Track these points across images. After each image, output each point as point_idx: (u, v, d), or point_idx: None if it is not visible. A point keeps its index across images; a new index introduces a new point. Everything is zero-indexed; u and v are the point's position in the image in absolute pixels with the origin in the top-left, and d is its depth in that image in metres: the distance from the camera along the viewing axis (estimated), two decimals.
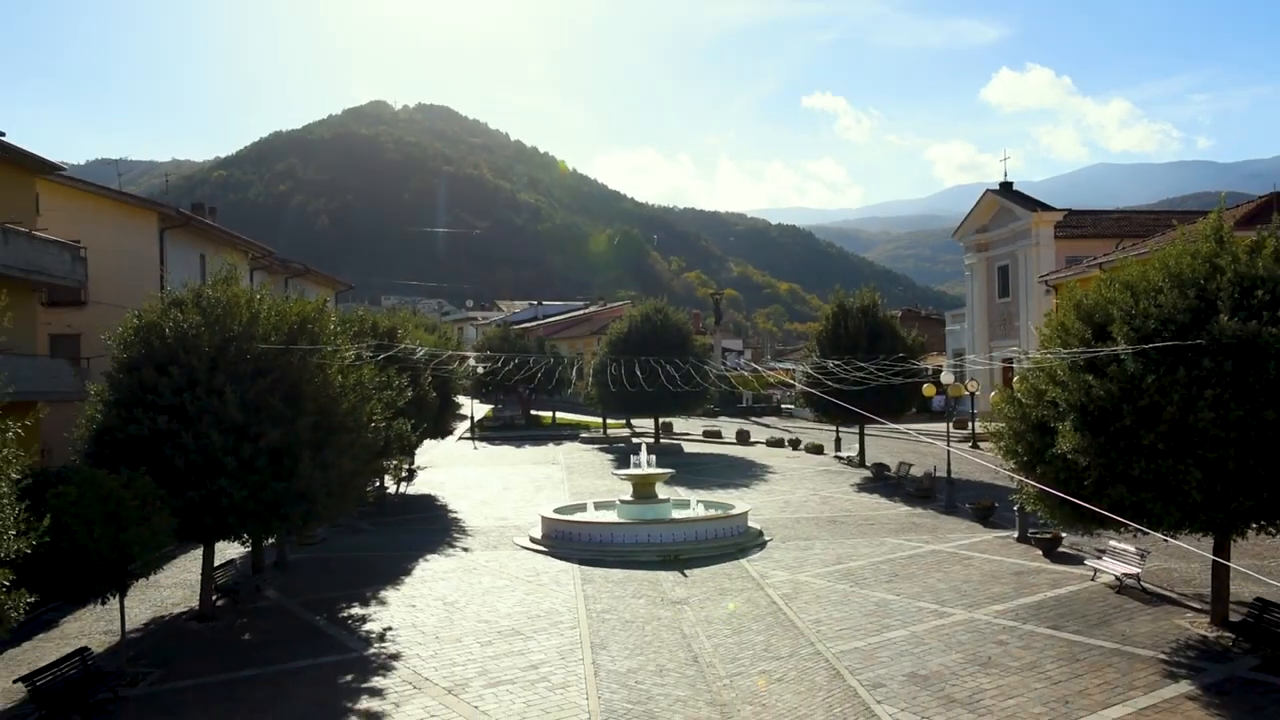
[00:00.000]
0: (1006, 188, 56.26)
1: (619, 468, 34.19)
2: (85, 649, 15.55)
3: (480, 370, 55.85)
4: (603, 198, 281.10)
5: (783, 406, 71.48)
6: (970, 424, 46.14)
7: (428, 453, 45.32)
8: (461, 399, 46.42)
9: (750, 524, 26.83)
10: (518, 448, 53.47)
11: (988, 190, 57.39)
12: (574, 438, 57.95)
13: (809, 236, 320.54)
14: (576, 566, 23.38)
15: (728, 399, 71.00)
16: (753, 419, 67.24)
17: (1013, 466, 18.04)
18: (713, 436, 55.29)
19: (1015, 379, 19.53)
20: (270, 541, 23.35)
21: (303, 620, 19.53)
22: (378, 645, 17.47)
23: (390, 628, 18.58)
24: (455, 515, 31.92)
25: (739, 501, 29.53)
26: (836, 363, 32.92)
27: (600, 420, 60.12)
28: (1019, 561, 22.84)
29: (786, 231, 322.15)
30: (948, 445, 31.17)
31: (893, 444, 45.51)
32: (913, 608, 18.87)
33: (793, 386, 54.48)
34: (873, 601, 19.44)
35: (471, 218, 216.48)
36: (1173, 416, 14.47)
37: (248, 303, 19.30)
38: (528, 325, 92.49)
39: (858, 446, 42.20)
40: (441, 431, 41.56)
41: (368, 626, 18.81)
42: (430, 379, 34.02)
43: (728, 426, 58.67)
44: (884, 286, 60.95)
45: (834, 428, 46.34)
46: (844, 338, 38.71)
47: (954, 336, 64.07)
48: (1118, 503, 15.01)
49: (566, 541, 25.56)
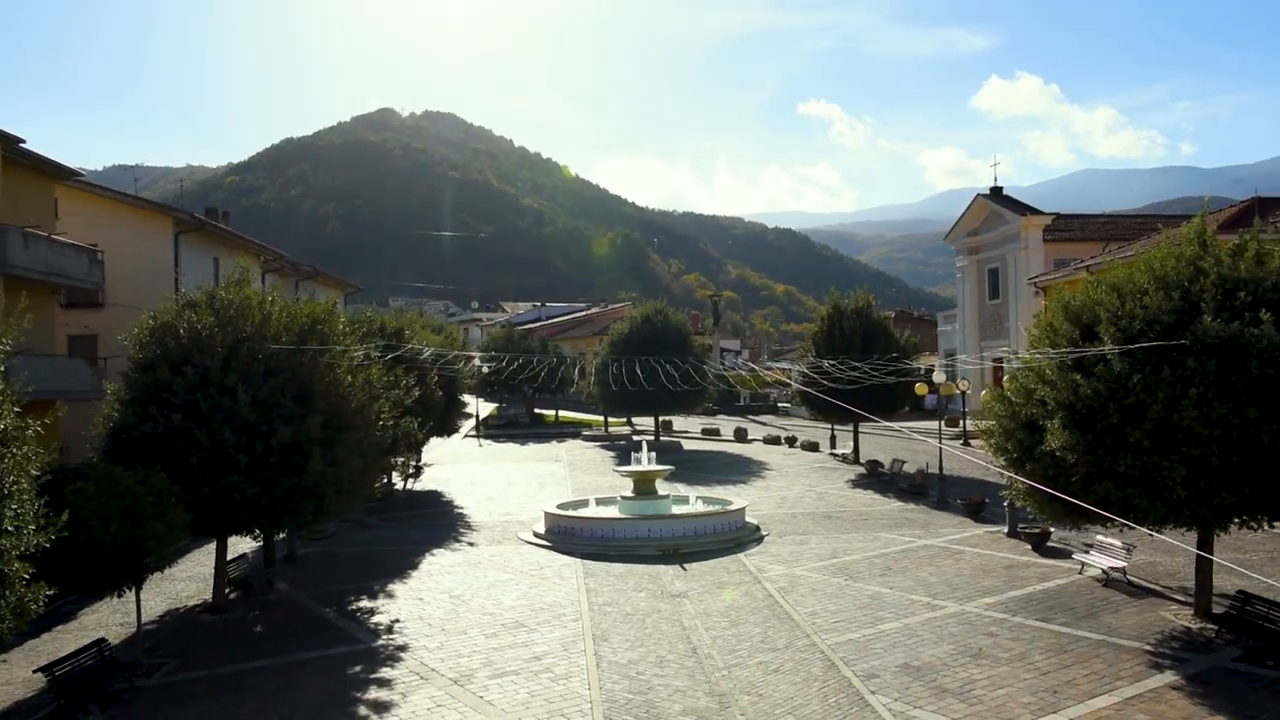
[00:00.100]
0: (996, 192, 56.24)
1: (620, 465, 34.18)
2: (102, 640, 15.57)
3: (485, 370, 55.90)
4: (604, 202, 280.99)
5: (779, 405, 71.47)
6: (961, 422, 46.12)
7: (434, 450, 45.38)
8: (467, 398, 46.45)
9: (748, 519, 26.81)
10: (522, 445, 53.48)
11: (978, 195, 57.35)
12: (576, 435, 57.96)
13: (805, 240, 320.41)
14: (579, 561, 23.39)
15: (726, 398, 71.00)
16: (750, 417, 67.25)
17: (1003, 463, 18.04)
18: (711, 434, 55.28)
19: (1005, 378, 19.54)
20: (281, 536, 23.40)
21: (313, 613, 19.55)
22: (386, 637, 17.49)
23: (398, 620, 18.60)
24: (461, 511, 31.92)
25: (737, 497, 29.52)
26: (832, 362, 32.92)
27: (602, 418, 60.10)
28: (1009, 556, 22.84)
29: (783, 235, 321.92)
30: (940, 443, 31.16)
31: (886, 441, 45.51)
32: (905, 601, 18.87)
33: (789, 385, 54.49)
34: (867, 594, 19.44)
35: (477, 222, 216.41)
36: (1158, 414, 14.47)
37: (259, 304, 19.31)
38: (531, 326, 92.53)
39: (852, 444, 42.16)
40: (447, 429, 41.55)
41: (376, 619, 18.82)
42: (437, 378, 34.04)
43: (726, 424, 58.67)
44: (878, 288, 60.95)
45: (829, 425, 46.31)
46: (839, 338, 38.68)
47: (946, 337, 64.05)
48: (1104, 498, 15.03)
49: (569, 536, 25.56)
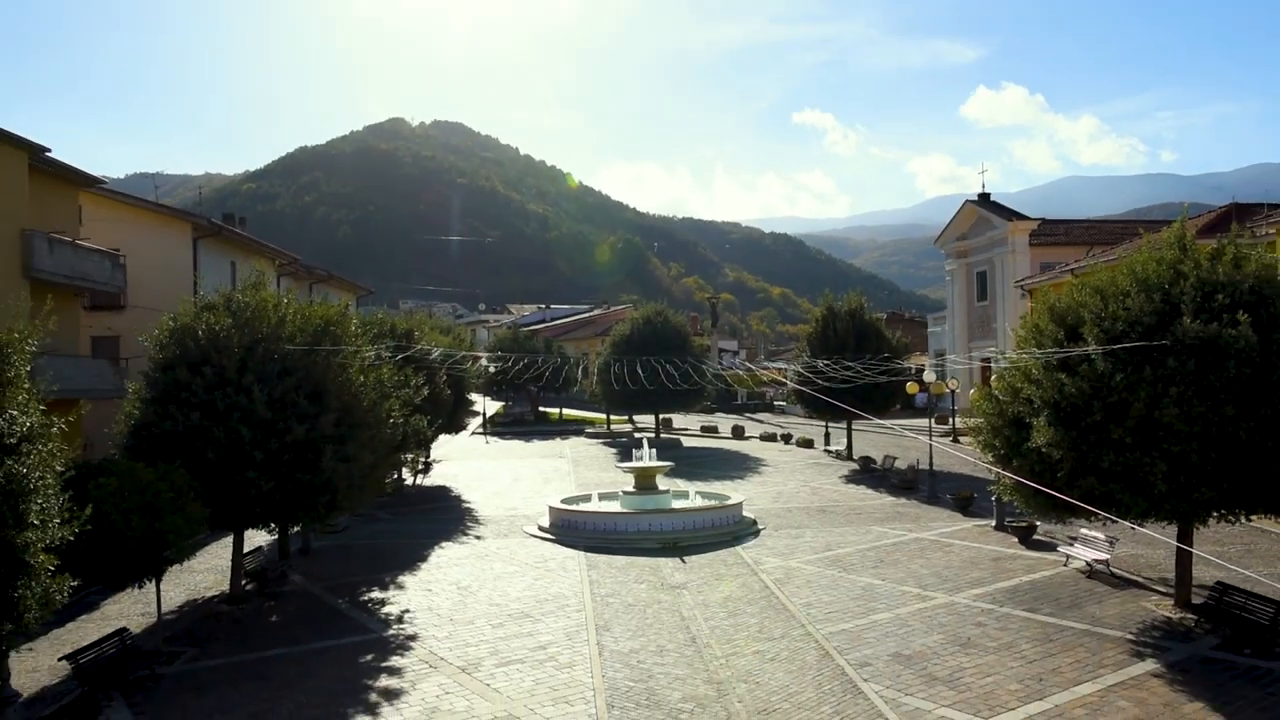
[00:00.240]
0: (984, 198, 56.23)
1: (622, 461, 34.13)
2: (124, 629, 15.61)
3: (492, 369, 55.86)
4: (606, 208, 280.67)
5: (775, 403, 71.41)
6: (951, 419, 46.10)
7: (442, 447, 45.33)
8: (474, 396, 46.41)
9: (745, 514, 26.81)
10: (527, 442, 53.45)
11: (967, 201, 57.36)
12: (579, 433, 57.93)
13: (799, 244, 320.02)
14: (582, 553, 23.39)
15: (724, 396, 70.91)
16: (747, 415, 67.22)
17: (991, 459, 18.02)
18: (710, 431, 55.23)
19: (993, 377, 19.53)
20: (296, 530, 23.40)
21: (326, 603, 19.56)
22: (396, 627, 17.50)
23: (408, 610, 18.61)
24: (468, 505, 31.92)
25: (734, 492, 29.53)
26: (826, 362, 32.90)
27: (604, 416, 60.08)
28: (996, 548, 22.83)
29: (779, 239, 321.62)
30: (930, 439, 31.14)
31: (878, 438, 45.46)
32: (897, 592, 18.87)
33: (785, 385, 54.47)
34: (860, 586, 19.44)
35: (484, 227, 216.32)
36: (1139, 412, 14.48)
37: (275, 307, 19.30)
38: (536, 327, 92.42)
39: (846, 441, 42.15)
40: (455, 427, 41.48)
41: (387, 609, 18.83)
42: (445, 378, 34.00)
43: (724, 422, 58.63)
44: (870, 291, 60.74)
45: (823, 423, 46.24)
46: (833, 339, 38.65)
47: (935, 337, 64.01)
48: (1088, 493, 15.04)
49: (573, 530, 25.56)
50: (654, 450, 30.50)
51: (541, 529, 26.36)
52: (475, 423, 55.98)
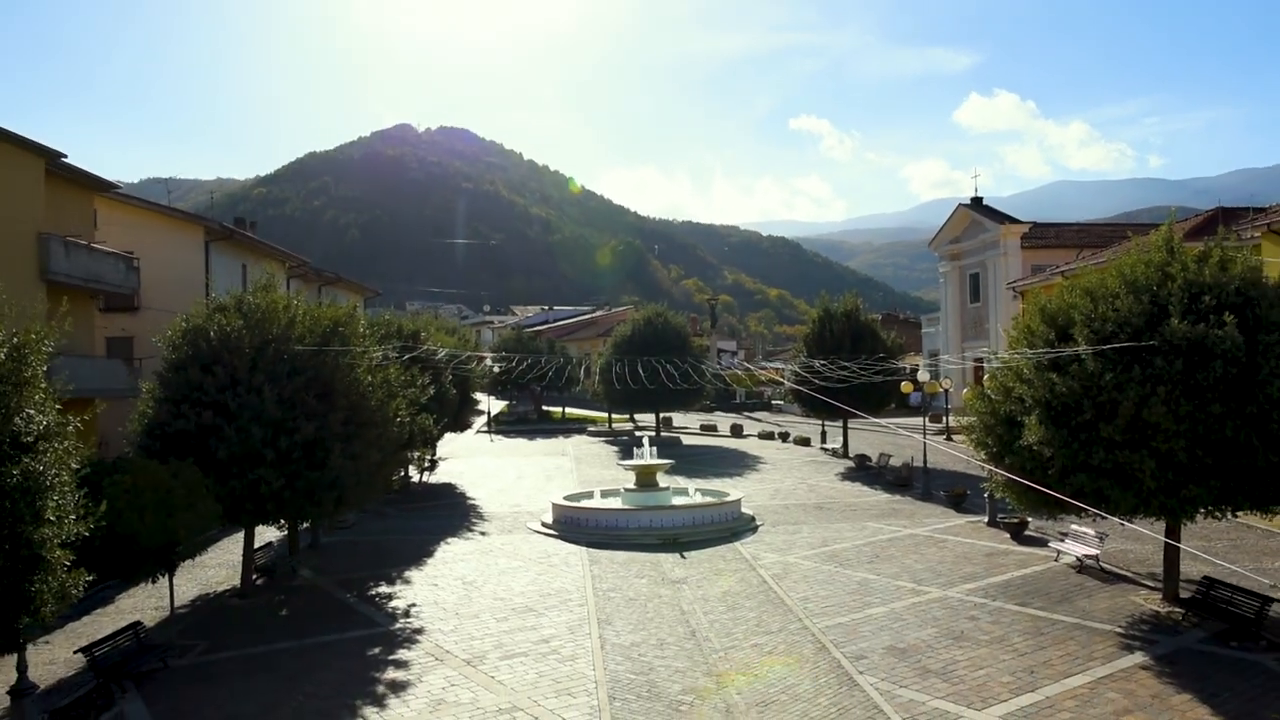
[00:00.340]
0: (977, 202, 56.18)
1: (623, 459, 34.16)
2: (138, 623, 15.63)
3: (496, 369, 55.78)
4: (608, 212, 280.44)
5: (773, 402, 71.40)
6: (944, 418, 46.06)
7: (448, 445, 45.36)
8: (479, 396, 46.38)
9: (743, 510, 26.81)
10: (530, 440, 53.47)
11: (960, 205, 57.31)
12: (582, 431, 57.94)
13: (796, 247, 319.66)
14: (584, 549, 23.39)
15: (723, 395, 70.90)
16: (745, 414, 67.23)
17: (983, 457, 18.03)
18: (709, 430, 55.23)
19: (986, 377, 19.54)
20: (305, 526, 23.44)
21: (334, 598, 19.56)
22: (403, 621, 17.51)
23: (414, 604, 18.61)
24: (473, 502, 31.92)
25: (733, 489, 29.53)
26: (822, 362, 32.89)
27: (606, 415, 60.13)
28: (989, 544, 22.82)
29: (776, 242, 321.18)
30: (924, 438, 31.15)
31: (874, 437, 45.44)
32: (892, 586, 18.87)
33: (782, 384, 54.45)
34: (855, 581, 19.43)
35: (488, 230, 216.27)
36: (1129, 411, 14.48)
37: (285, 308, 19.33)
38: (539, 328, 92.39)
39: (842, 439, 42.15)
40: (461, 425, 41.52)
41: (394, 603, 18.84)
42: (450, 377, 33.98)
43: (723, 421, 58.64)
44: (865, 293, 60.70)
45: (820, 422, 46.22)
46: (829, 339, 38.63)
47: (929, 338, 64.00)
48: (1079, 490, 15.03)
49: (575, 526, 25.56)
50: (654, 448, 30.50)
51: (545, 525, 26.35)
52: (480, 421, 55.92)
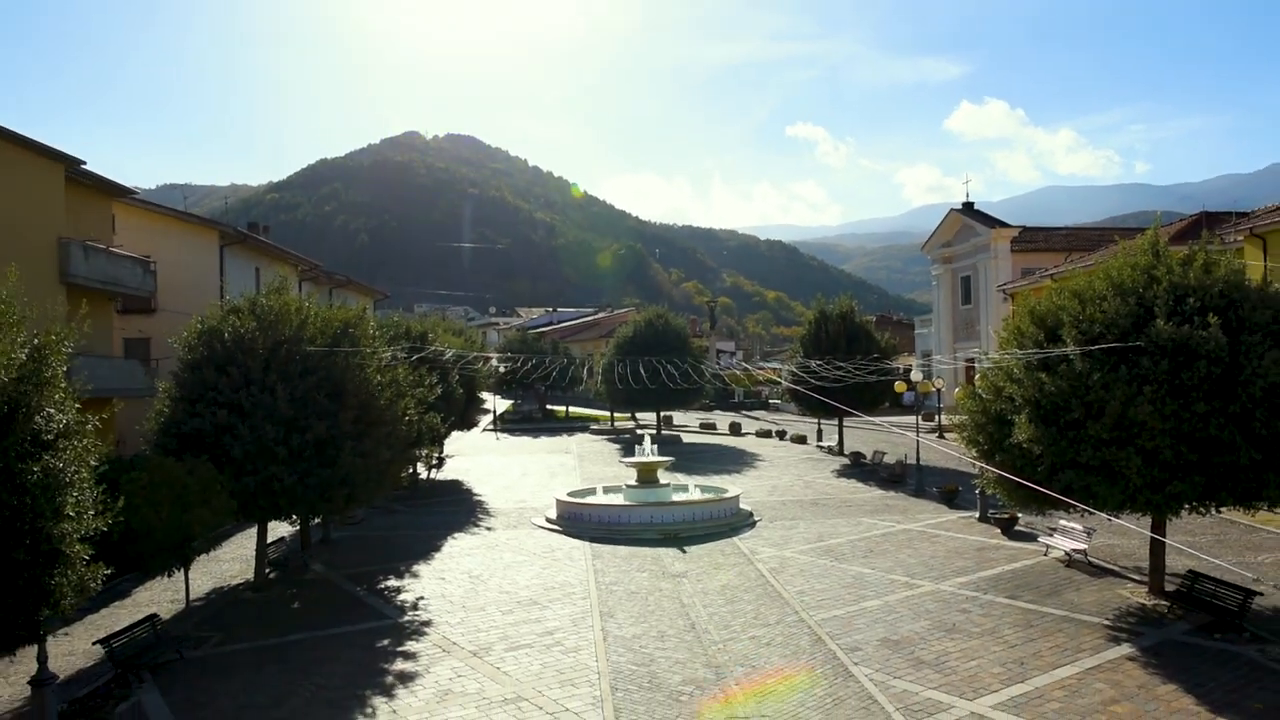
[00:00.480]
0: (968, 207, 56.22)
1: (625, 456, 34.14)
2: (155, 615, 15.62)
3: (502, 369, 55.81)
4: (610, 216, 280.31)
5: (770, 401, 71.39)
6: (937, 417, 46.06)
7: (455, 443, 45.29)
8: (485, 395, 46.38)
9: (741, 506, 26.79)
10: (535, 438, 53.46)
11: (952, 209, 57.33)
12: (584, 430, 57.90)
13: (793, 251, 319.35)
14: (587, 544, 23.38)
15: (722, 395, 70.92)
16: (744, 413, 67.21)
17: (975, 454, 18.04)
18: (708, 428, 55.23)
19: (977, 377, 19.53)
20: (316, 521, 23.43)
21: (345, 591, 19.56)
22: (411, 613, 17.50)
23: (422, 598, 18.61)
24: (479, 498, 31.92)
25: (731, 486, 29.51)
26: (818, 362, 32.89)
27: (608, 414, 60.08)
28: (980, 539, 22.81)
29: (773, 246, 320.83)
30: (917, 436, 31.15)
31: (868, 435, 45.43)
32: (886, 580, 18.86)
33: (779, 384, 54.45)
34: (850, 575, 19.43)
35: (494, 234, 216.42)
36: (1116, 410, 14.47)
37: (297, 310, 19.33)
38: (544, 329, 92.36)
39: (837, 437, 42.13)
40: (467, 424, 41.43)
41: (402, 597, 18.84)
42: (457, 377, 33.99)
43: (722, 419, 58.64)
44: (860, 295, 60.65)
45: (816, 420, 46.22)
46: (824, 340, 38.62)
47: (922, 339, 63.97)
48: (1067, 486, 15.03)
49: (578, 522, 25.55)
50: (655, 446, 30.48)
51: (549, 521, 26.35)
52: (486, 420, 55.99)
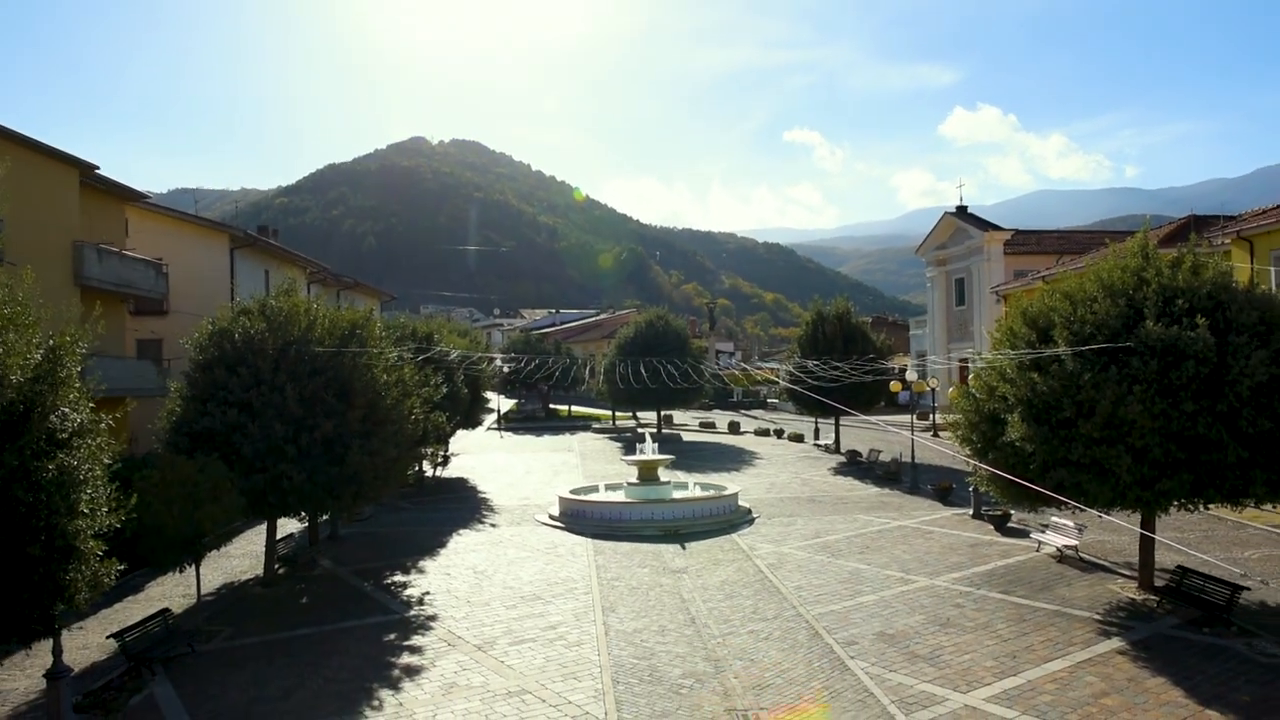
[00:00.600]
0: (962, 211, 56.17)
1: (626, 454, 34.14)
2: (166, 610, 15.65)
3: (506, 369, 55.86)
4: (611, 220, 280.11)
5: (768, 401, 71.35)
6: (931, 416, 46.04)
7: (460, 441, 45.35)
8: (489, 394, 46.40)
9: (740, 503, 26.79)
10: (538, 437, 53.43)
11: (946, 213, 57.30)
12: (587, 428, 57.89)
13: (791, 253, 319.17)
14: (589, 540, 23.39)
15: (721, 394, 70.88)
16: (742, 412, 67.17)
17: (968, 452, 18.04)
18: (708, 427, 55.21)
19: (970, 377, 19.52)
20: (324, 518, 23.42)
21: (352, 586, 19.58)
22: (417, 608, 17.52)
23: (428, 593, 18.63)
24: (484, 495, 31.92)
25: (730, 483, 29.50)
26: (815, 362, 32.91)
27: (610, 413, 60.09)
28: (973, 535, 22.80)
29: (771, 249, 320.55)
30: (912, 434, 31.15)
31: (864, 433, 45.42)
32: (881, 576, 18.85)
33: (777, 383, 54.45)
34: (847, 570, 19.42)
35: (498, 237, 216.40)
36: (1106, 409, 14.47)
37: (305, 311, 19.36)
38: (547, 330, 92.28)
39: (834, 435, 42.11)
40: (472, 423, 41.47)
41: (408, 592, 18.85)
42: (462, 377, 34.04)
43: (721, 418, 58.61)
44: (856, 296, 60.90)
45: (813, 419, 46.26)
46: (821, 341, 38.63)
47: (917, 339, 63.95)
48: (1059, 484, 15.04)
49: (581, 518, 25.56)
50: (656, 444, 30.51)
51: (552, 517, 26.37)
52: (490, 419, 55.99)
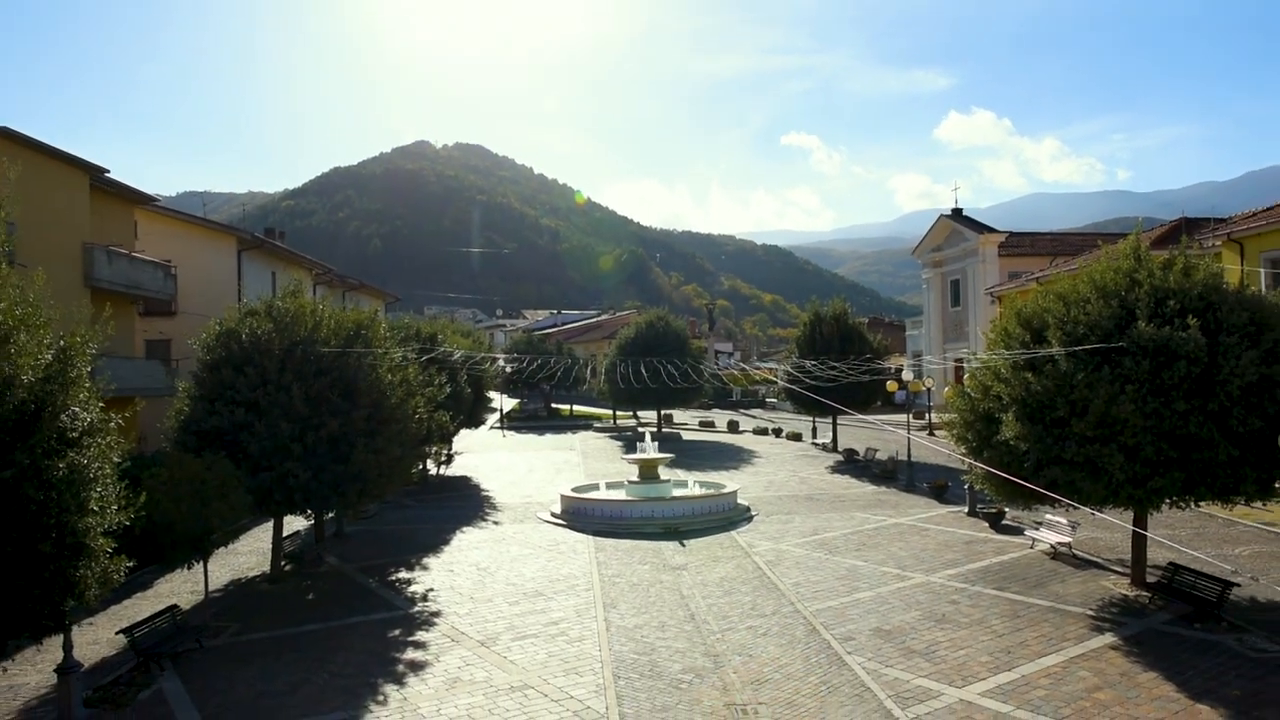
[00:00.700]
0: (957, 213, 56.14)
1: (627, 453, 34.15)
2: (175, 606, 15.66)
3: (508, 369, 55.86)
4: (612, 222, 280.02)
5: (767, 400, 71.31)
6: (927, 415, 46.05)
7: (463, 440, 45.35)
8: (492, 394, 46.39)
9: (739, 501, 26.79)
10: (540, 436, 53.42)
11: (941, 216, 57.24)
12: (588, 427, 57.89)
13: (789, 255, 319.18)
14: (591, 537, 23.39)
15: (720, 394, 70.84)
16: (741, 411, 67.12)
17: (964, 451, 18.01)
18: (707, 426, 55.19)
19: (966, 377, 19.51)
20: (330, 516, 23.44)
21: (357, 583, 19.59)
22: (421, 604, 17.52)
23: (432, 589, 18.63)
24: (487, 494, 31.92)
25: (729, 482, 29.50)
26: (813, 362, 32.90)
27: (611, 412, 60.08)
28: (969, 532, 22.80)
29: (770, 251, 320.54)
30: (908, 433, 31.14)
31: (861, 432, 45.40)
32: (878, 572, 18.85)
33: (776, 383, 54.42)
34: (844, 567, 19.42)
35: (501, 239, 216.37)
36: (1099, 408, 14.47)
37: (311, 312, 19.36)
38: (549, 331, 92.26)
39: (831, 434, 42.11)
40: (475, 422, 41.51)
41: (413, 588, 18.85)
42: (466, 377, 34.03)
43: (720, 418, 58.57)
44: (853, 298, 60.91)
45: (811, 418, 46.24)
46: (819, 341, 38.61)
47: (913, 340, 63.94)
48: (1053, 482, 15.03)
49: (582, 516, 25.56)
50: (656, 443, 30.50)
51: (554, 515, 26.36)
52: (493, 418, 55.97)
